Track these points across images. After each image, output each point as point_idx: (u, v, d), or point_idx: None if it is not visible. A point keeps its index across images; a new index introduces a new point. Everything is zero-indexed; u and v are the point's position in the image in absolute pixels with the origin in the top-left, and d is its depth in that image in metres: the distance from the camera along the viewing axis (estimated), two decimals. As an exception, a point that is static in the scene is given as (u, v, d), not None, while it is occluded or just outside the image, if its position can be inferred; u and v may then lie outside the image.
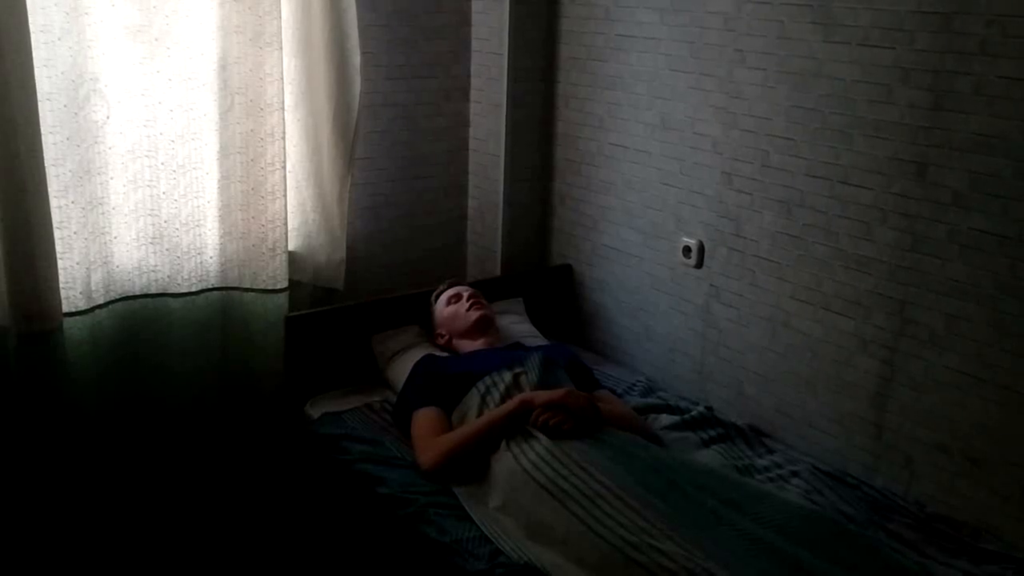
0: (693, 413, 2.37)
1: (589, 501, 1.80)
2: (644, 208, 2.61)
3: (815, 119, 2.13)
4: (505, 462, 1.97)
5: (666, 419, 2.35)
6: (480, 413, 2.11)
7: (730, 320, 2.43)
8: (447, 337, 2.52)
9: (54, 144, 2.17)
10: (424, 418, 2.18)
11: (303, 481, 2.49)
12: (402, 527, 2.00)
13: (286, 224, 2.51)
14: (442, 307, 2.56)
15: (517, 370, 2.20)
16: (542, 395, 2.06)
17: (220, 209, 2.46)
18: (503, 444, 2.01)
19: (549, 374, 2.19)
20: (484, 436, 2.04)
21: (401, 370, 2.48)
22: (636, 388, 2.56)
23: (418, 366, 2.36)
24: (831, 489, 2.06)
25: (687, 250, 2.50)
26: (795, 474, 2.13)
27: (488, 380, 2.19)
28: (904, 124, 1.97)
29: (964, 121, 1.87)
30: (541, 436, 1.96)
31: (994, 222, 1.85)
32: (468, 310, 2.49)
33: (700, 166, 2.43)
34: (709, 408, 2.41)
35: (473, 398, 2.16)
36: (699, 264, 2.48)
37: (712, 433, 2.30)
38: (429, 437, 2.12)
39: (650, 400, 2.47)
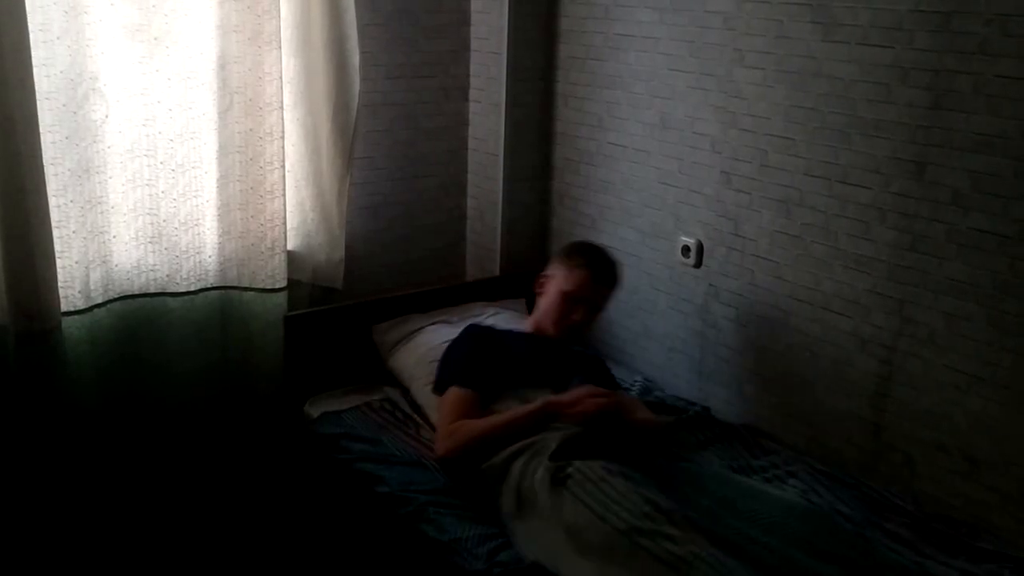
0: (689, 413, 2.37)
1: (594, 486, 1.79)
2: (643, 207, 2.61)
3: (814, 118, 2.13)
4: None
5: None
6: None
7: (728, 319, 2.43)
8: (539, 297, 2.37)
9: (53, 143, 2.17)
10: (456, 399, 2.10)
11: (302, 480, 2.49)
12: (401, 526, 2.00)
13: (285, 223, 2.51)
14: (558, 286, 2.28)
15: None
16: (564, 400, 2.02)
17: (219, 208, 2.46)
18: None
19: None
20: (505, 432, 2.00)
21: (405, 359, 2.47)
22: (634, 387, 2.56)
23: (467, 337, 2.27)
24: (829, 489, 2.06)
25: (686, 249, 2.49)
26: (792, 474, 2.13)
27: (531, 395, 2.11)
28: (903, 123, 1.96)
29: (963, 120, 1.87)
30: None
31: (993, 221, 1.85)
32: (563, 322, 2.28)
33: (699, 165, 2.43)
34: (706, 408, 2.41)
35: (510, 404, 2.10)
36: (698, 263, 2.48)
37: (708, 434, 2.30)
38: (454, 422, 2.06)
39: (647, 399, 2.47)
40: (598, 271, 2.30)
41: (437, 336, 2.51)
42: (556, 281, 2.31)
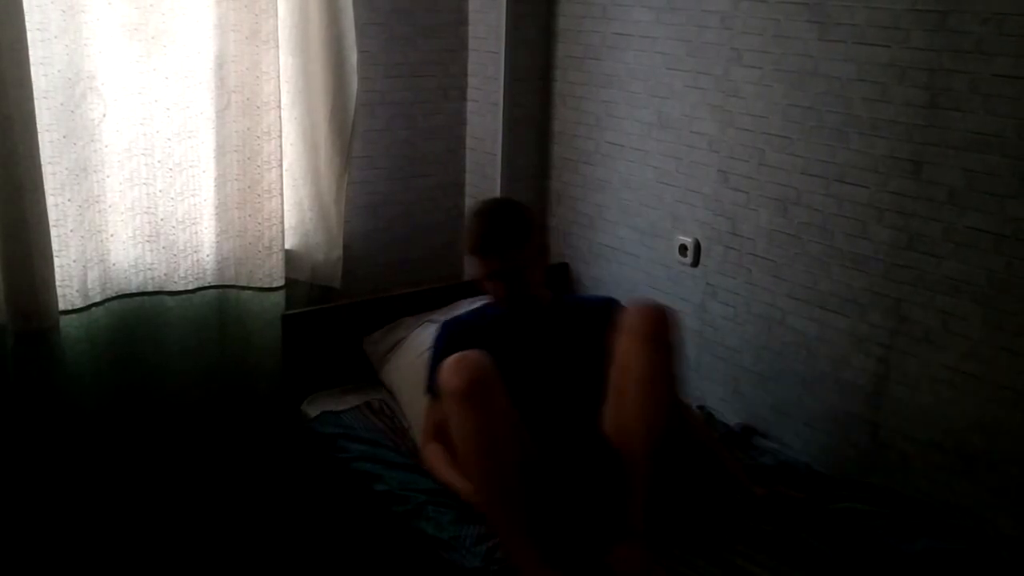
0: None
1: None
2: (641, 206, 2.62)
3: (811, 117, 2.13)
4: None
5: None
6: None
7: (726, 318, 2.43)
8: None
9: (50, 142, 2.17)
10: (425, 411, 2.14)
11: (300, 480, 2.49)
12: (399, 524, 2.00)
13: (283, 222, 2.51)
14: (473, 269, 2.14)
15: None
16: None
17: (217, 207, 2.46)
18: None
19: None
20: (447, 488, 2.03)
21: (393, 372, 2.47)
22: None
23: (436, 340, 2.18)
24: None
25: (683, 248, 2.50)
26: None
27: (515, 377, 1.96)
28: (900, 122, 1.97)
29: (960, 119, 1.87)
30: None
31: (990, 220, 1.85)
32: (500, 301, 2.14)
33: (696, 164, 2.43)
34: (701, 407, 2.41)
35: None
36: (695, 262, 2.48)
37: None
38: (426, 436, 2.13)
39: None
40: (481, 246, 2.06)
41: (426, 341, 2.47)
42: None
